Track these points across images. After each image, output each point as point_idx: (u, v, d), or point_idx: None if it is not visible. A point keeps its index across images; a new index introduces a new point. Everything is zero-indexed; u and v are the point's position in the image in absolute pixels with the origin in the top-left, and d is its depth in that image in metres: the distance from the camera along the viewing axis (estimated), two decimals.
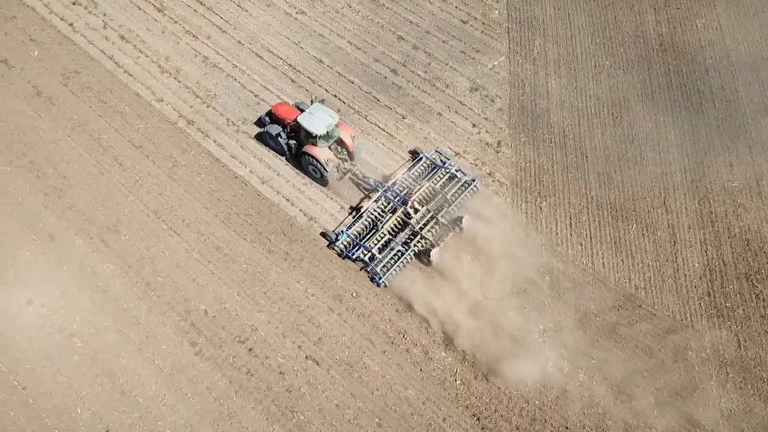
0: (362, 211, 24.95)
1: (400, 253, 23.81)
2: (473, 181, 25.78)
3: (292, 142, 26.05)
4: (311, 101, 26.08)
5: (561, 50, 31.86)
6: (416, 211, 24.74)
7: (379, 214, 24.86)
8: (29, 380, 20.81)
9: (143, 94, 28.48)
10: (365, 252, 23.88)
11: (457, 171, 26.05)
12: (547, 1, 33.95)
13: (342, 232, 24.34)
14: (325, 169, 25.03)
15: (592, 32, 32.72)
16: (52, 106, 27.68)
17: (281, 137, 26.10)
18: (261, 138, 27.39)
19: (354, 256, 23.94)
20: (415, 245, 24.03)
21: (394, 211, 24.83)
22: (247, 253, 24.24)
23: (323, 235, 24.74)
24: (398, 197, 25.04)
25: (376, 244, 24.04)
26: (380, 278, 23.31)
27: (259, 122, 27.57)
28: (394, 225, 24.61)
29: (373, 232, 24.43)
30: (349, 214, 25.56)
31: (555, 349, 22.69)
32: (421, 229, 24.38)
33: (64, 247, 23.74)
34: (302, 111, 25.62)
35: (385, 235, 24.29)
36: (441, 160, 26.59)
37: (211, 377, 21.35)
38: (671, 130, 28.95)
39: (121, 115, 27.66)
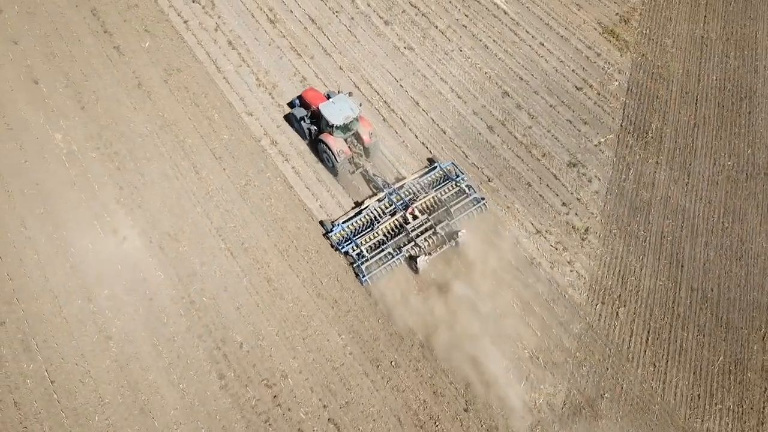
0: (362, 207, 24.81)
1: (390, 256, 23.50)
2: (482, 199, 25.10)
3: (314, 127, 26.45)
4: (338, 91, 26.87)
5: (679, 139, 28.92)
6: (415, 217, 24.40)
7: (378, 214, 24.64)
8: (59, 375, 20.90)
9: (236, 104, 28.42)
10: (355, 248, 23.71)
11: (467, 186, 25.39)
12: (675, 82, 31.01)
13: (338, 224, 24.15)
14: (336, 159, 25.22)
15: (719, 125, 29.51)
16: (148, 100, 28.16)
17: (304, 121, 26.58)
18: (288, 118, 27.70)
19: (343, 250, 23.88)
20: (407, 251, 23.73)
21: (393, 214, 24.57)
22: (297, 291, 23.40)
23: (321, 223, 24.65)
24: (401, 201, 24.75)
25: (366, 243, 23.90)
26: (364, 276, 23.02)
27: (291, 104, 27.91)
28: (391, 227, 24.40)
29: (368, 230, 24.20)
30: (353, 208, 25.27)
31: None
32: (417, 236, 23.93)
33: (124, 245, 23.87)
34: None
35: (378, 235, 24.16)
36: (455, 173, 25.78)
37: (230, 417, 20.60)
38: None
39: (210, 122, 27.69)
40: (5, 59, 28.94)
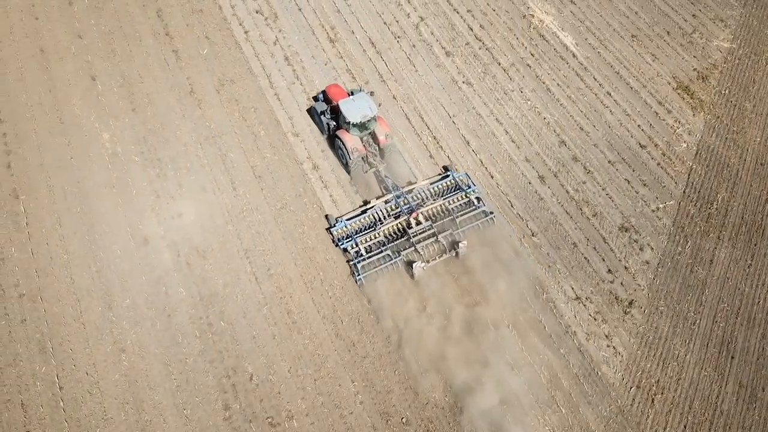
0: (367, 207, 24.81)
1: (388, 258, 23.40)
2: (491, 213, 24.67)
3: (333, 123, 26.68)
4: (360, 89, 27.11)
5: (747, 215, 26.70)
6: (418, 223, 24.22)
7: (383, 215, 24.52)
8: (69, 382, 20.80)
9: (283, 123, 27.96)
10: (354, 246, 23.74)
11: (477, 199, 25.18)
12: (751, 150, 28.73)
13: (341, 220, 24.22)
14: (349, 156, 25.35)
15: None
16: (197, 109, 28.05)
17: (324, 115, 26.73)
18: (310, 112, 27.98)
19: (342, 246, 23.94)
20: (406, 255, 23.55)
21: (397, 217, 24.47)
22: (315, 327, 22.63)
23: (326, 217, 24.76)
24: (408, 205, 24.40)
25: (366, 242, 23.85)
26: (358, 275, 23.04)
27: (316, 98, 28.13)
28: (393, 230, 24.29)
29: (370, 230, 24.18)
30: (360, 206, 25.32)
31: None
32: (418, 242, 23.71)
33: (151, 256, 23.68)
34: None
35: (379, 236, 24.06)
36: (467, 184, 25.57)
37: None
38: None
39: (255, 139, 27.32)
40: (68, 52, 29.45)
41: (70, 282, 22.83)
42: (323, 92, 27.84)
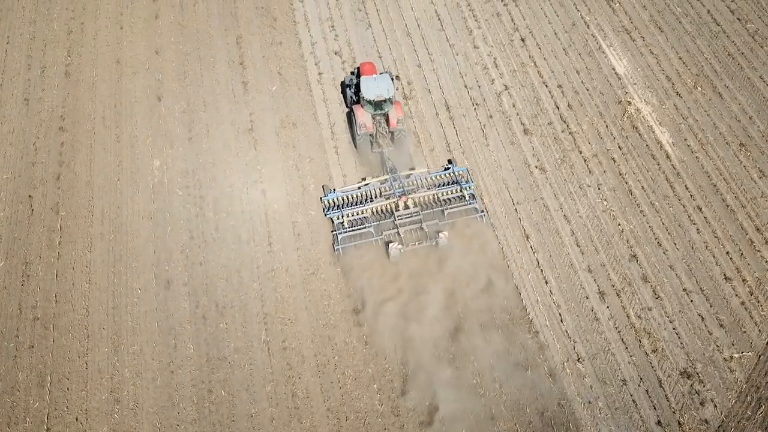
0: (362, 183, 25.65)
1: (369, 235, 23.91)
2: (483, 212, 24.80)
3: (355, 97, 27.44)
4: (388, 71, 27.91)
5: None
6: (406, 207, 24.44)
7: (375, 194, 25.11)
8: (57, 425, 20.19)
9: (336, 180, 26.49)
10: (339, 217, 24.35)
11: (470, 195, 25.22)
12: None
13: (333, 190, 25.19)
14: (357, 130, 26.14)
15: None
16: (252, 149, 27.13)
17: (350, 89, 27.68)
18: (342, 84, 29.05)
19: (328, 215, 24.73)
20: (387, 237, 23.90)
21: (388, 198, 24.81)
22: (317, 419, 20.94)
23: (323, 187, 25.68)
24: (401, 189, 24.89)
25: (351, 216, 24.38)
26: (338, 245, 23.69)
27: (353, 72, 28.73)
28: (381, 210, 24.69)
29: (360, 205, 24.70)
30: (358, 183, 25.92)
31: None
32: (401, 225, 23.97)
33: (170, 302, 22.88)
34: None
35: (366, 213, 24.56)
36: (466, 179, 25.69)
37: None
38: None
39: (303, 192, 26.04)
40: (142, 68, 29.38)
41: (85, 314, 22.39)
42: (358, 67, 28.09)
